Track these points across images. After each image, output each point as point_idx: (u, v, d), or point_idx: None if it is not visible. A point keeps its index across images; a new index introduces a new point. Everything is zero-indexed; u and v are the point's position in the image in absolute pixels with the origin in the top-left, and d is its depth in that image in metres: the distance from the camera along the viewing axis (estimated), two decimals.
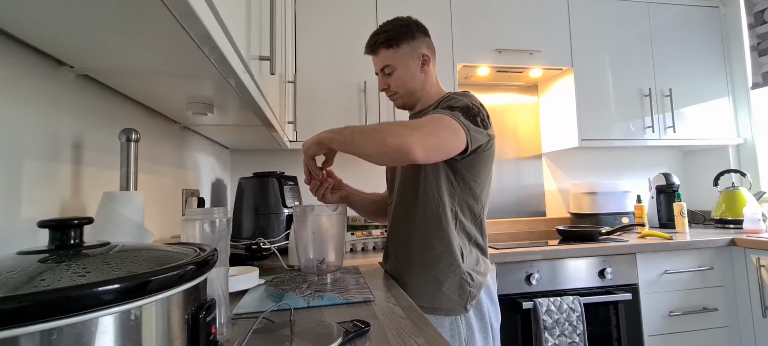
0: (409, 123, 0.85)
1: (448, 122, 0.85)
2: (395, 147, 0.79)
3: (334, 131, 0.88)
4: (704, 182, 2.36)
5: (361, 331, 0.60)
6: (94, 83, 0.80)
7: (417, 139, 0.79)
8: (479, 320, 0.95)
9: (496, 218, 2.23)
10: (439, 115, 0.87)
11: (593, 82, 2.10)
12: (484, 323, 0.95)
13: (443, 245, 0.95)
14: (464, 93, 0.98)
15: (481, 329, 0.94)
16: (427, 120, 0.86)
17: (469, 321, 0.93)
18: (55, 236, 0.34)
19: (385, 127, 0.83)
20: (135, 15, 0.51)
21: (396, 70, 1.04)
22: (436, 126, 0.84)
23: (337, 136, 0.87)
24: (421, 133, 0.80)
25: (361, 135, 0.85)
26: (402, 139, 0.79)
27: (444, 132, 0.85)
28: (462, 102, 0.92)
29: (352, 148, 0.85)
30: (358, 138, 0.85)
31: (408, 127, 0.82)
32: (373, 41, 1.06)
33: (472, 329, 0.93)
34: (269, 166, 1.96)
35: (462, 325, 0.92)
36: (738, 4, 2.28)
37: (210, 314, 0.36)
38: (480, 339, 0.93)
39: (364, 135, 0.84)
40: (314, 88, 1.82)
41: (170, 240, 1.10)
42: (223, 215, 0.63)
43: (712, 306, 1.70)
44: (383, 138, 0.80)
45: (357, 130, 0.86)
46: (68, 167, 0.73)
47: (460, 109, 0.89)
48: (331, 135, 0.88)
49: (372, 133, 0.83)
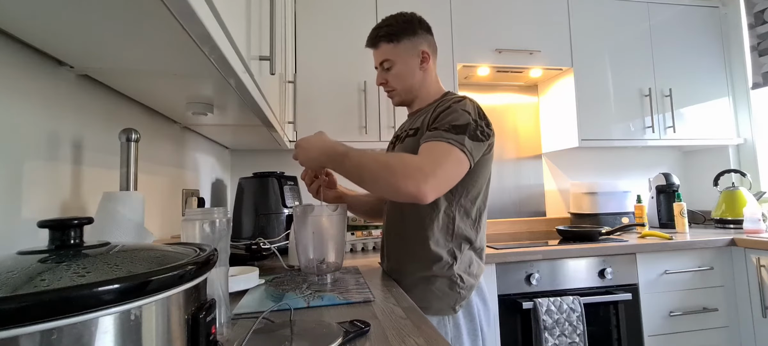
0: (421, 163, 0.82)
1: (455, 156, 0.85)
2: (409, 195, 0.80)
3: (332, 158, 0.88)
4: (704, 181, 2.36)
5: (361, 331, 0.60)
6: (94, 83, 0.80)
7: (431, 187, 0.80)
8: (469, 321, 0.94)
9: (496, 218, 2.24)
10: (446, 147, 0.85)
11: (593, 82, 2.10)
12: (474, 325, 0.95)
13: (436, 246, 0.95)
14: (463, 102, 0.94)
15: (470, 331, 0.94)
16: (437, 156, 0.84)
17: (458, 322, 0.93)
18: (55, 236, 0.34)
19: (397, 168, 0.81)
20: (135, 15, 0.51)
21: (394, 66, 1.03)
22: (446, 162, 0.84)
23: (341, 162, 0.88)
24: (435, 181, 0.81)
25: (370, 173, 0.84)
26: (416, 187, 0.79)
27: (452, 167, 0.85)
28: (464, 119, 0.89)
29: (359, 183, 0.87)
30: (366, 175, 0.85)
31: (421, 171, 0.81)
32: (375, 34, 1.05)
33: (460, 329, 0.92)
34: (269, 166, 1.96)
35: (449, 325, 0.92)
36: (738, 4, 2.28)
37: (210, 314, 0.36)
38: (468, 341, 0.93)
39: (372, 173, 0.84)
40: (314, 88, 1.82)
41: (170, 240, 1.10)
42: (223, 215, 0.63)
43: (712, 306, 1.70)
44: (396, 182, 0.81)
45: (364, 166, 0.85)
46: (68, 167, 0.73)
47: (463, 128, 0.87)
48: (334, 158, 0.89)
49: (383, 173, 0.83)
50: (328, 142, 0.92)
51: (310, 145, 0.92)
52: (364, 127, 1.83)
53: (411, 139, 1.00)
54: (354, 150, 0.89)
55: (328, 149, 0.90)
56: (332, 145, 0.91)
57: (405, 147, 1.00)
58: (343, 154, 0.88)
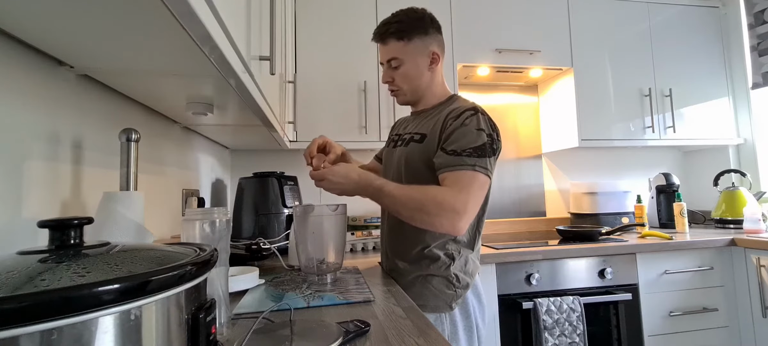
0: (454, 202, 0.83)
1: (480, 182, 0.87)
2: (445, 231, 0.87)
3: (375, 188, 0.89)
4: (704, 182, 2.36)
5: (361, 331, 0.60)
6: (94, 83, 0.80)
7: (465, 222, 0.85)
8: (464, 319, 0.96)
9: (496, 218, 2.24)
10: (470, 176, 0.86)
11: (593, 82, 2.09)
12: (470, 322, 0.96)
13: (435, 247, 0.96)
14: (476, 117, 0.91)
15: (465, 328, 0.95)
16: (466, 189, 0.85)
17: (454, 319, 0.94)
18: (55, 236, 0.34)
19: (430, 208, 0.84)
20: (135, 15, 0.51)
21: (403, 65, 1.00)
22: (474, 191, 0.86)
23: (379, 197, 0.89)
24: (467, 216, 0.85)
25: (406, 210, 0.87)
26: (451, 225, 0.84)
27: (480, 193, 0.88)
28: (482, 139, 0.88)
29: (395, 214, 0.93)
30: (402, 212, 0.88)
31: (454, 211, 0.83)
32: (384, 29, 1.00)
33: (456, 327, 0.94)
34: (269, 166, 1.96)
35: (446, 322, 0.93)
36: (738, 4, 2.28)
37: (210, 314, 0.36)
38: (464, 338, 0.94)
39: (408, 210, 0.87)
40: (314, 88, 1.82)
41: (170, 240, 1.10)
42: (223, 215, 0.63)
43: (712, 306, 1.70)
44: (431, 222, 0.85)
45: (399, 202, 0.87)
46: (68, 167, 0.73)
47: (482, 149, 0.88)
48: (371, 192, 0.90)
49: (418, 212, 0.86)
50: (361, 175, 0.90)
51: (342, 178, 0.90)
52: (364, 127, 1.83)
53: (416, 144, 0.98)
54: (388, 184, 0.89)
55: (363, 183, 0.90)
56: (367, 179, 0.90)
57: (409, 152, 0.99)
58: (379, 189, 0.89)
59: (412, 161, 0.98)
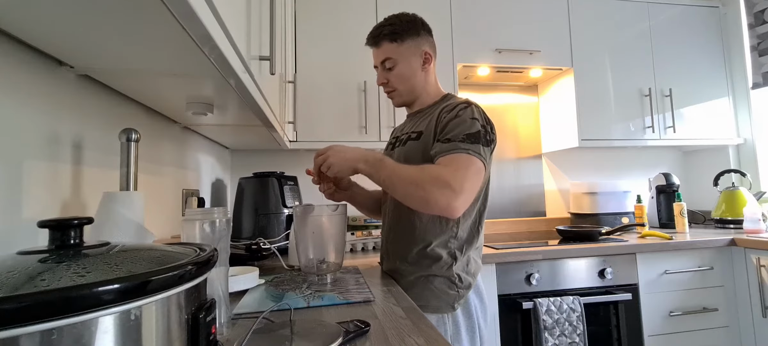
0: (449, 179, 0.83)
1: (476, 166, 0.86)
2: (440, 209, 0.83)
3: (370, 163, 0.89)
4: (704, 182, 2.36)
5: (361, 331, 0.60)
6: (94, 83, 0.80)
7: (461, 203, 0.83)
8: (467, 319, 0.95)
9: (496, 218, 2.23)
10: (466, 159, 0.86)
11: (593, 82, 2.10)
12: (472, 322, 0.96)
13: (437, 247, 0.96)
14: (469, 108, 0.94)
15: (468, 328, 0.95)
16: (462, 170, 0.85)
17: (456, 319, 0.94)
18: (55, 236, 0.34)
19: (427, 184, 0.83)
20: (135, 15, 0.51)
21: (397, 66, 1.03)
22: (470, 174, 0.85)
23: (374, 172, 0.89)
24: (464, 196, 0.83)
25: (402, 184, 0.86)
26: (447, 203, 0.82)
27: (476, 178, 0.87)
28: (475, 127, 0.90)
29: (392, 192, 0.90)
30: (399, 186, 0.87)
31: (451, 189, 0.82)
32: (377, 33, 1.04)
33: (458, 327, 0.94)
34: (269, 166, 1.96)
35: (449, 323, 0.93)
36: (738, 4, 2.28)
37: (210, 314, 0.36)
38: (466, 338, 0.94)
39: (405, 185, 0.86)
40: (314, 88, 1.82)
41: (170, 240, 1.10)
42: (223, 215, 0.63)
43: (712, 306, 1.70)
44: (427, 197, 0.83)
45: (396, 175, 0.87)
46: (68, 167, 0.73)
47: (476, 136, 0.89)
48: (366, 167, 0.89)
49: (414, 187, 0.84)
50: (363, 149, 0.92)
51: (346, 148, 0.92)
52: (364, 127, 1.83)
53: (413, 142, 1.00)
54: (388, 158, 0.90)
55: (365, 153, 0.91)
56: (369, 151, 0.92)
57: (407, 150, 1.01)
58: (379, 160, 0.89)
59: (411, 159, 0.99)
